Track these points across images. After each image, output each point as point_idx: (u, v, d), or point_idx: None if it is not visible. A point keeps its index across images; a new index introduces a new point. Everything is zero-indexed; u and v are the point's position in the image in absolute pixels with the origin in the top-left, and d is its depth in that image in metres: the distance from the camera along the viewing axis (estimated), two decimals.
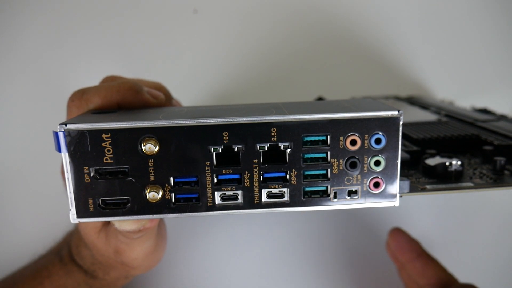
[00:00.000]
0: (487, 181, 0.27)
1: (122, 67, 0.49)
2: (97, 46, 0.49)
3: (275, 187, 0.23)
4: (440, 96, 0.53)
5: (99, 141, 0.21)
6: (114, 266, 0.32)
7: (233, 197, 0.23)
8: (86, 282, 0.34)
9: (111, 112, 0.25)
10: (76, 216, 0.22)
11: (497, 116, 0.40)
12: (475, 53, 0.53)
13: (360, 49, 0.53)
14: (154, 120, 0.21)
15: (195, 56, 0.51)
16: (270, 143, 0.22)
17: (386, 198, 0.23)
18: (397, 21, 0.53)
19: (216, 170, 0.22)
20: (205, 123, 0.21)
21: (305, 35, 0.52)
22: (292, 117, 0.22)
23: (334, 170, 0.22)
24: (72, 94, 0.26)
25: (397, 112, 0.22)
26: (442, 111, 0.42)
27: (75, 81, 0.47)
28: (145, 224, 0.25)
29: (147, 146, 0.21)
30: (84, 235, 0.30)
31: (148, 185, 0.22)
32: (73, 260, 0.35)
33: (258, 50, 0.52)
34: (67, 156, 0.21)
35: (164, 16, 0.50)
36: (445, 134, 0.33)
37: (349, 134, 0.22)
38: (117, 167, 0.22)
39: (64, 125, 0.21)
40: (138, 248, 0.29)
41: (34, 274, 0.36)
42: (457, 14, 0.53)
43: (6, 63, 0.48)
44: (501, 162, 0.28)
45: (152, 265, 0.32)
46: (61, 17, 0.49)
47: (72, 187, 0.22)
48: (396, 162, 0.22)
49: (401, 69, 0.53)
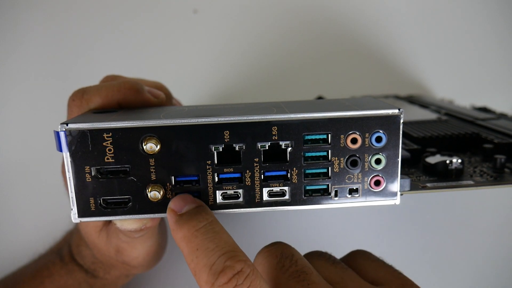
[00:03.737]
0: (488, 179, 0.27)
1: (122, 66, 0.49)
2: (98, 45, 0.49)
3: (276, 186, 0.23)
4: (439, 95, 0.53)
5: (100, 141, 0.21)
6: (115, 265, 0.32)
7: (234, 196, 0.23)
8: (87, 282, 0.34)
9: (112, 111, 0.25)
10: (77, 215, 0.22)
11: (497, 115, 0.40)
12: (474, 52, 0.54)
13: (360, 48, 0.53)
14: (155, 120, 0.21)
15: (195, 56, 0.51)
16: (271, 141, 0.22)
17: (386, 196, 0.23)
18: (397, 20, 0.53)
19: (217, 169, 0.22)
20: (206, 122, 0.21)
21: (305, 35, 0.52)
22: (293, 116, 0.22)
23: (335, 169, 0.23)
24: (72, 94, 0.26)
25: (397, 110, 0.22)
26: (442, 110, 0.42)
27: (75, 81, 0.47)
28: (146, 223, 0.25)
29: (148, 145, 0.21)
30: (85, 235, 0.30)
31: (149, 184, 0.22)
32: (74, 260, 0.35)
33: (258, 49, 0.52)
34: (68, 156, 0.21)
35: (164, 16, 0.50)
36: (446, 132, 0.33)
37: (350, 132, 0.22)
38: (118, 167, 0.22)
39: (65, 125, 0.21)
40: (139, 247, 0.29)
41: (34, 274, 0.36)
42: (457, 13, 0.53)
43: (7, 63, 0.48)
44: (501, 160, 0.28)
45: (153, 264, 0.32)
46: (62, 17, 0.49)
47: (73, 186, 0.22)
48: (396, 160, 0.22)
49: (401, 68, 0.53)
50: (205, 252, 0.19)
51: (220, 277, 0.19)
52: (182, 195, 0.22)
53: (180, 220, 0.21)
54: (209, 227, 0.20)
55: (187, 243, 0.20)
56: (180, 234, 0.20)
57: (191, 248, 0.20)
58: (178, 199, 0.22)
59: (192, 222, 0.20)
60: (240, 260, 0.19)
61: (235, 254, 0.19)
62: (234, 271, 0.19)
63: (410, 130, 0.34)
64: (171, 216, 0.21)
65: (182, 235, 0.20)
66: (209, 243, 0.20)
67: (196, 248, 0.20)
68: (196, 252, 0.20)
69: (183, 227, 0.20)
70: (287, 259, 0.22)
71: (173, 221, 0.21)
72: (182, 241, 0.20)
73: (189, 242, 0.20)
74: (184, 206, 0.21)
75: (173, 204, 0.22)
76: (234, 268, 0.19)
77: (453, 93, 0.52)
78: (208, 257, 0.19)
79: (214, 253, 0.19)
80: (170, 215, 0.21)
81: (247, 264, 0.19)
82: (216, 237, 0.20)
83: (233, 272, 0.19)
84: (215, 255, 0.19)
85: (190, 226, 0.20)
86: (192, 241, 0.20)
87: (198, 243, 0.20)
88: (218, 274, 0.19)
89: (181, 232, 0.20)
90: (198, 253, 0.19)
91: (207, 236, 0.20)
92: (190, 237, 0.20)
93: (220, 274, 0.19)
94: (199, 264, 0.19)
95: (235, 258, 0.19)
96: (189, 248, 0.20)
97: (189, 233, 0.20)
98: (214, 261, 0.19)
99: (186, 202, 0.22)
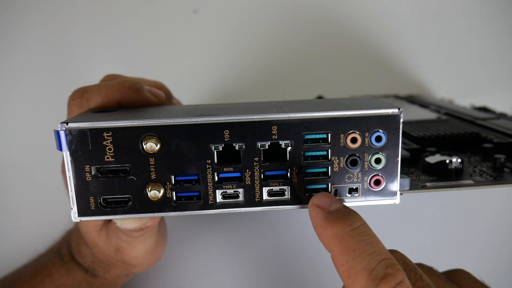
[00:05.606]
0: (487, 179, 0.27)
1: (122, 66, 0.49)
2: (98, 45, 0.49)
3: (276, 185, 0.23)
4: (439, 94, 0.53)
5: (100, 140, 0.21)
6: (115, 264, 0.32)
7: (234, 195, 0.23)
8: (87, 281, 0.34)
9: (112, 110, 0.25)
10: (77, 214, 0.22)
11: (496, 114, 0.40)
12: (474, 52, 0.54)
13: (360, 48, 0.53)
14: (155, 119, 0.21)
15: (195, 56, 0.51)
16: (271, 141, 0.22)
17: (386, 195, 0.23)
18: (396, 20, 0.53)
19: (217, 168, 0.22)
20: (206, 122, 0.21)
21: (304, 35, 0.52)
22: (293, 115, 0.22)
23: (335, 168, 0.23)
24: (72, 93, 0.26)
25: (397, 110, 0.22)
26: (441, 110, 0.42)
27: (75, 80, 0.47)
28: (146, 222, 0.25)
29: (148, 145, 0.21)
30: (84, 234, 0.30)
31: (149, 184, 0.22)
32: (73, 259, 0.35)
33: (258, 49, 0.52)
34: (68, 155, 0.21)
35: (164, 16, 0.50)
36: (445, 132, 0.33)
37: (350, 132, 0.22)
38: (118, 166, 0.22)
39: (65, 124, 0.21)
40: (139, 246, 0.29)
41: (34, 273, 0.36)
42: (457, 13, 0.53)
43: (7, 62, 0.48)
44: (501, 160, 0.28)
45: (153, 263, 0.32)
46: (62, 16, 0.49)
47: (74, 185, 0.22)
48: (396, 159, 0.23)
49: (401, 68, 0.53)
50: (363, 254, 0.18)
51: (382, 284, 0.18)
52: (324, 193, 0.22)
53: (330, 217, 0.20)
54: (365, 229, 0.19)
55: (340, 241, 0.19)
56: (331, 232, 0.19)
57: (346, 248, 0.19)
58: (323, 196, 0.21)
59: (347, 221, 0.20)
60: (400, 270, 0.18)
61: (394, 262, 0.18)
62: (396, 280, 0.18)
63: (410, 130, 0.34)
64: (317, 212, 0.21)
65: (334, 233, 0.19)
66: (367, 246, 0.19)
67: (353, 248, 0.19)
68: (353, 253, 0.19)
69: (336, 224, 0.20)
70: (412, 271, 0.21)
71: (322, 218, 0.20)
72: (334, 239, 0.19)
73: (344, 241, 0.19)
74: (332, 204, 0.21)
75: (318, 200, 0.21)
76: (396, 277, 0.18)
77: (453, 92, 0.52)
78: (367, 261, 0.18)
79: (373, 257, 0.18)
80: (317, 211, 0.21)
81: (405, 275, 0.18)
82: (373, 240, 0.19)
83: (395, 281, 0.18)
84: (375, 259, 0.18)
85: (345, 225, 0.19)
86: (347, 241, 0.19)
87: (356, 244, 0.19)
88: (380, 281, 0.18)
89: (333, 230, 0.19)
90: (356, 254, 0.18)
91: (364, 238, 0.19)
92: (344, 236, 0.19)
93: (382, 281, 0.18)
94: (356, 266, 0.18)
95: (395, 267, 0.18)
96: (343, 247, 0.19)
97: (344, 232, 0.19)
98: (375, 266, 0.18)
99: (332, 200, 0.21)
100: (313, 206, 0.21)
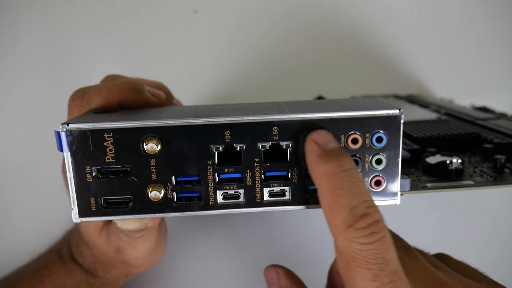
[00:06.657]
0: (488, 179, 0.27)
1: (123, 66, 0.49)
2: (98, 45, 0.49)
3: (277, 186, 0.23)
4: (439, 94, 0.53)
5: (101, 141, 0.21)
6: (115, 264, 0.32)
7: (235, 196, 0.23)
8: (87, 281, 0.34)
9: (113, 111, 0.25)
10: (78, 215, 0.22)
11: (496, 114, 0.40)
12: (474, 52, 0.54)
13: (360, 48, 0.53)
14: (156, 120, 0.21)
15: (195, 56, 0.51)
16: (272, 142, 0.22)
17: (387, 196, 0.23)
18: (396, 20, 0.53)
19: (218, 169, 0.22)
20: (207, 122, 0.21)
21: (304, 35, 0.52)
22: (294, 116, 0.22)
23: None
24: (73, 93, 0.26)
25: (398, 111, 0.22)
26: (441, 110, 0.42)
27: (76, 80, 0.47)
28: (147, 223, 0.25)
29: (149, 146, 0.21)
30: (85, 234, 0.30)
31: (150, 184, 0.22)
32: (74, 259, 0.35)
33: (258, 49, 0.52)
34: (69, 156, 0.21)
35: (164, 16, 0.50)
36: (445, 132, 0.33)
37: (351, 132, 0.22)
38: (119, 167, 0.22)
39: (66, 125, 0.21)
40: (140, 246, 0.29)
41: (34, 273, 0.36)
42: (457, 13, 0.53)
43: (7, 62, 0.48)
44: (501, 160, 0.28)
45: (153, 263, 0.32)
46: (62, 16, 0.48)
47: (74, 186, 0.22)
48: (397, 160, 0.23)
49: (401, 68, 0.53)
50: (348, 193, 0.20)
51: (361, 220, 0.19)
52: (324, 130, 0.22)
53: (325, 155, 0.20)
54: (354, 172, 0.20)
55: (329, 179, 0.20)
56: (323, 168, 0.20)
57: (333, 185, 0.20)
58: (323, 133, 0.21)
59: (340, 162, 0.20)
60: (378, 211, 0.20)
61: (374, 204, 0.20)
62: (374, 219, 0.19)
63: (410, 130, 0.34)
64: (313, 147, 0.21)
65: (326, 170, 0.20)
66: (354, 187, 0.20)
67: (340, 187, 0.20)
68: (338, 191, 0.20)
69: (329, 162, 0.20)
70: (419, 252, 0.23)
71: (317, 154, 0.21)
72: (324, 176, 0.20)
73: (333, 179, 0.20)
74: (329, 142, 0.21)
75: (317, 136, 0.21)
76: (374, 216, 0.19)
77: (453, 92, 0.52)
78: (351, 199, 0.19)
79: (357, 198, 0.19)
80: (313, 147, 0.21)
81: (382, 215, 0.20)
82: (360, 184, 0.20)
83: (373, 219, 0.19)
84: (358, 200, 0.19)
85: (337, 164, 0.20)
86: (336, 180, 0.20)
87: (343, 183, 0.20)
88: (359, 217, 0.19)
89: (325, 167, 0.20)
90: (341, 192, 0.20)
91: (352, 180, 0.20)
92: (334, 174, 0.20)
93: (361, 218, 0.19)
94: (339, 203, 0.19)
95: (375, 208, 0.20)
96: (330, 184, 0.20)
97: (334, 170, 0.20)
98: (357, 205, 0.19)
99: (330, 138, 0.21)
100: (311, 141, 0.21)
